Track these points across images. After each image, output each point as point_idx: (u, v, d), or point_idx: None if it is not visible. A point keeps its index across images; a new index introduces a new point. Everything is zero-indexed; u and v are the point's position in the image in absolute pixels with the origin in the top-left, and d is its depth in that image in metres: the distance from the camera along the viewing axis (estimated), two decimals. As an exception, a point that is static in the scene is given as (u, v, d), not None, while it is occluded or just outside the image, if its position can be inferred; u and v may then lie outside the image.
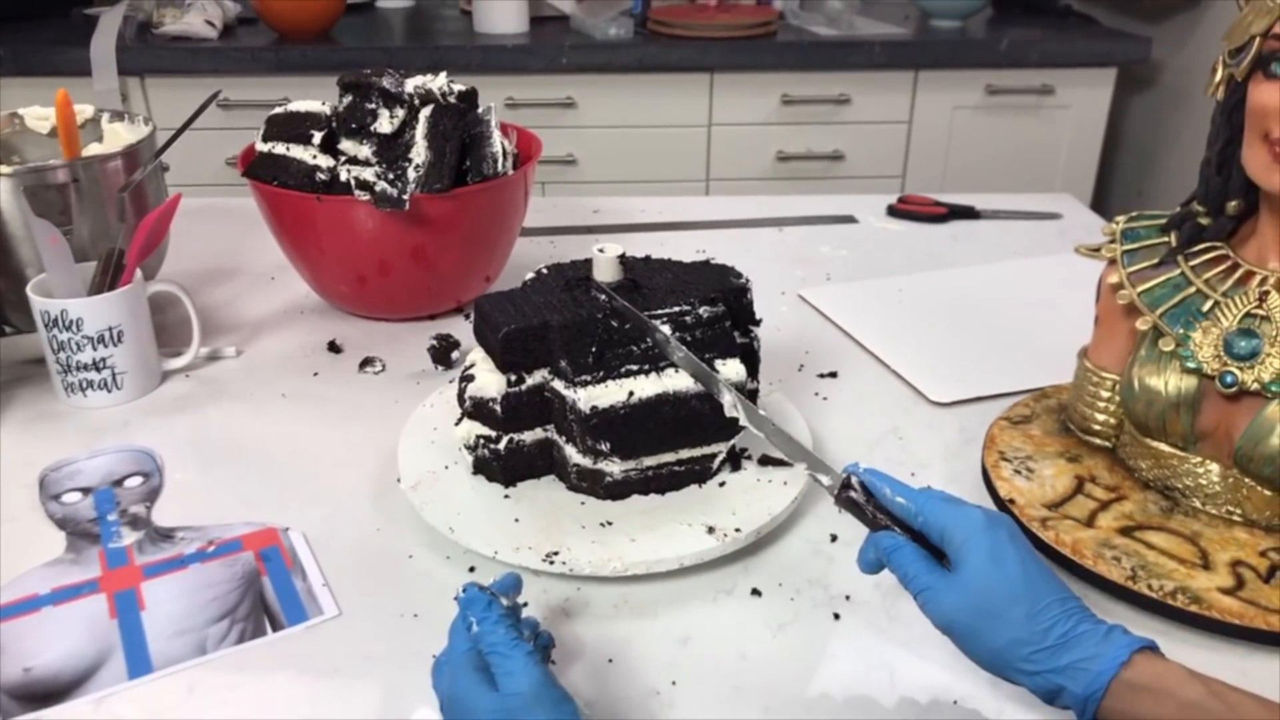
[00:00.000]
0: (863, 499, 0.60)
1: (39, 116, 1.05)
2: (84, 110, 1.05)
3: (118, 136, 1.04)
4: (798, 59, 2.20)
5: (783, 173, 2.30)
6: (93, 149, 1.02)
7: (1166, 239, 0.73)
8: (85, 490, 0.77)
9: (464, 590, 0.55)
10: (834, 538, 0.72)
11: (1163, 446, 0.72)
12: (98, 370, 0.86)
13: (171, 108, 2.12)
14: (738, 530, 0.68)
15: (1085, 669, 0.51)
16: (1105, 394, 0.76)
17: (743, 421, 0.66)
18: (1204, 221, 0.72)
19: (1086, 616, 0.53)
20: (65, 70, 2.05)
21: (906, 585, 0.56)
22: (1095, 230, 1.30)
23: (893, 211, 1.35)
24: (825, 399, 0.90)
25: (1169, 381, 0.69)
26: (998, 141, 2.32)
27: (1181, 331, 0.69)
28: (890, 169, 2.33)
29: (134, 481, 0.78)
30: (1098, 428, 0.77)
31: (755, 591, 0.67)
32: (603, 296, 0.71)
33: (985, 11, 2.52)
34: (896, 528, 0.58)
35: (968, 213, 1.33)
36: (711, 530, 0.68)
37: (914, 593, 0.56)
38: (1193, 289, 0.70)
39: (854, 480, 0.60)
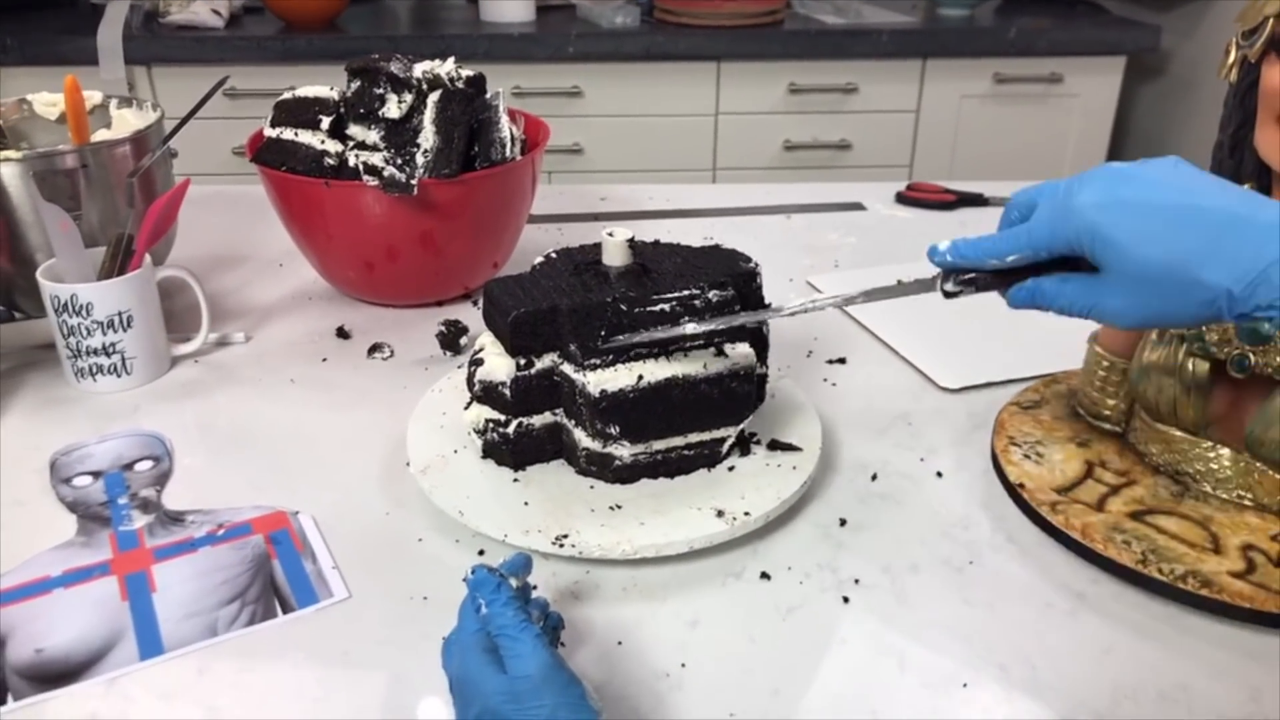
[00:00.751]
0: (967, 282, 0.55)
1: (47, 103, 1.05)
2: (92, 96, 1.05)
3: (126, 123, 1.04)
4: (805, 48, 2.20)
5: (789, 162, 2.30)
6: (101, 135, 1.02)
7: (1178, 223, 0.73)
8: (95, 474, 0.77)
9: (473, 571, 0.55)
10: (843, 522, 0.72)
11: (1174, 431, 0.71)
12: (107, 355, 0.86)
13: (178, 97, 2.10)
14: (747, 514, 0.68)
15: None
16: (1115, 379, 0.76)
17: (792, 310, 0.63)
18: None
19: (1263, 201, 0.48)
20: (72, 59, 2.05)
21: (1069, 312, 0.52)
22: (1104, 218, 1.29)
23: (901, 199, 1.34)
24: (834, 385, 0.90)
25: (1181, 366, 0.69)
26: (1006, 130, 2.31)
27: (1193, 315, 0.69)
28: (898, 158, 2.33)
29: (144, 465, 0.78)
30: (1108, 413, 0.77)
31: (764, 575, 0.67)
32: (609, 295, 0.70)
33: (993, 0, 2.50)
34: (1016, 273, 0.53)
35: (976, 200, 1.33)
36: (721, 514, 0.68)
37: (1081, 313, 0.52)
38: (1205, 273, 0.69)
39: (949, 282, 0.56)
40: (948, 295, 0.57)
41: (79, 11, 2.29)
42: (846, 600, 0.65)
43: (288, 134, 0.96)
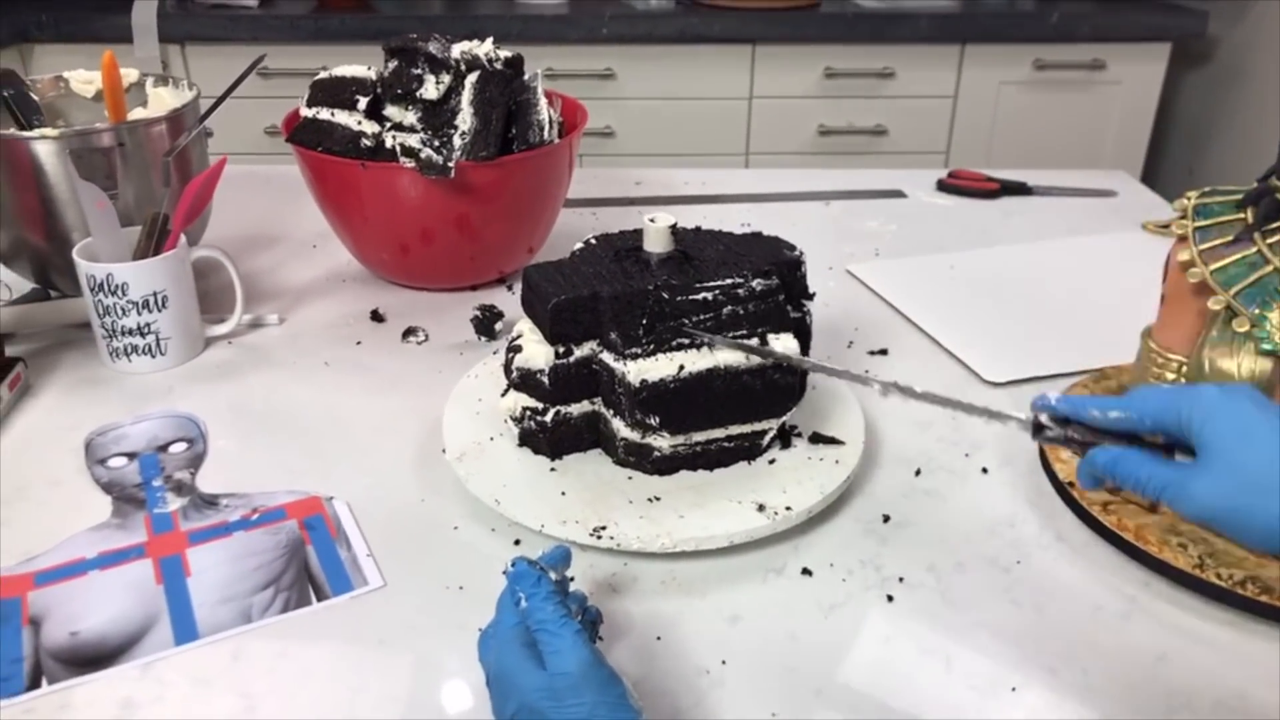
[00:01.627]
0: (1062, 432, 0.55)
1: (84, 80, 1.05)
2: (129, 74, 1.04)
3: (162, 101, 1.03)
4: (841, 31, 2.16)
5: (824, 147, 2.27)
6: (137, 113, 1.01)
7: (1242, 215, 0.70)
8: (130, 455, 0.77)
9: (513, 564, 0.54)
10: (886, 518, 0.71)
11: (1232, 431, 0.69)
12: (142, 335, 0.86)
13: (211, 75, 2.11)
14: (788, 509, 0.67)
15: None
16: (1171, 376, 0.74)
17: (881, 393, 0.63)
18: (1283, 197, 0.69)
19: None
20: (106, 37, 2.05)
21: (1145, 491, 0.51)
22: (1151, 208, 1.26)
23: (942, 186, 1.32)
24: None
25: (1242, 364, 0.66)
26: (1045, 118, 2.27)
27: (1257, 311, 0.66)
28: (934, 145, 2.29)
29: (178, 447, 0.78)
30: (1161, 411, 0.75)
31: (806, 571, 0.66)
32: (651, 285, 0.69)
33: (1035, -16, 2.45)
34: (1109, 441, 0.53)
35: (1020, 189, 1.30)
36: (762, 508, 0.67)
37: (1156, 493, 0.51)
38: (1270, 267, 0.67)
39: (1043, 418, 0.55)
40: (1038, 432, 0.56)
41: (114, -11, 2.29)
42: (890, 599, 0.64)
43: (324, 114, 0.95)
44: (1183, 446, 0.52)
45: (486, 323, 0.93)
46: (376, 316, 0.97)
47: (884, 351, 0.92)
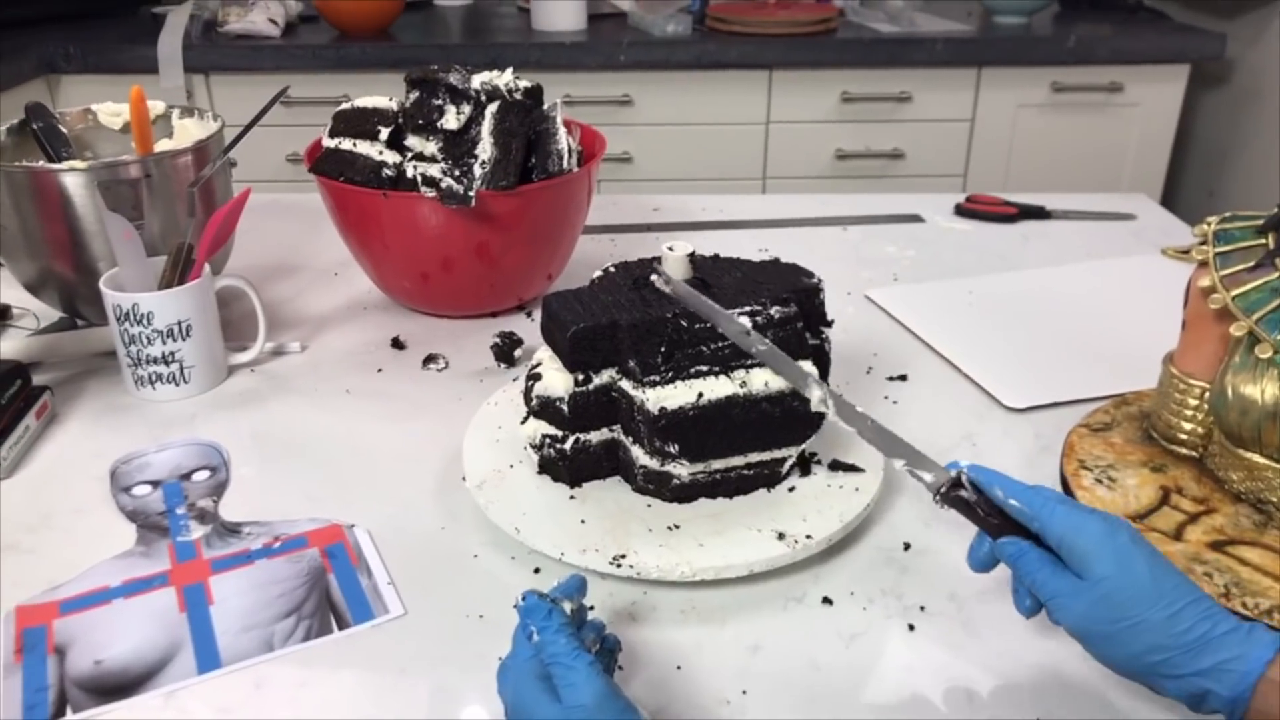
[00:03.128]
0: (973, 497, 0.57)
1: (111, 113, 1.07)
2: (155, 106, 1.06)
3: (187, 132, 1.05)
4: (858, 56, 2.17)
5: (841, 171, 2.27)
6: (163, 145, 1.03)
7: (1264, 241, 0.70)
8: (154, 483, 0.77)
9: (523, 598, 0.54)
10: (907, 546, 0.70)
11: (1256, 458, 0.68)
12: (166, 364, 0.87)
13: (235, 104, 2.15)
14: (809, 537, 0.67)
15: (1230, 670, 0.49)
16: (1193, 402, 0.73)
17: (832, 416, 0.64)
18: (1305, 223, 0.69)
19: (1224, 616, 0.51)
20: (132, 68, 2.09)
21: (1034, 591, 0.55)
22: (1171, 231, 1.26)
23: (960, 211, 1.32)
24: (895, 403, 0.88)
25: (1265, 390, 0.66)
26: (1063, 141, 2.26)
27: (1279, 338, 0.66)
28: (952, 168, 2.29)
29: (201, 475, 0.78)
30: (1184, 437, 0.74)
31: (826, 600, 0.66)
32: (668, 288, 0.70)
33: (1051, 7, 2.46)
34: (1008, 526, 0.56)
35: (1038, 213, 1.30)
36: (782, 536, 0.67)
37: (1043, 600, 0.54)
38: (1292, 294, 0.67)
39: (963, 478, 0.58)
40: (939, 496, 0.58)
41: (139, 21, 2.33)
42: (912, 628, 0.64)
43: (346, 144, 0.96)
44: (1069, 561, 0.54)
45: (506, 350, 0.93)
46: (397, 344, 0.98)
47: (903, 377, 0.92)
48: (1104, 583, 0.52)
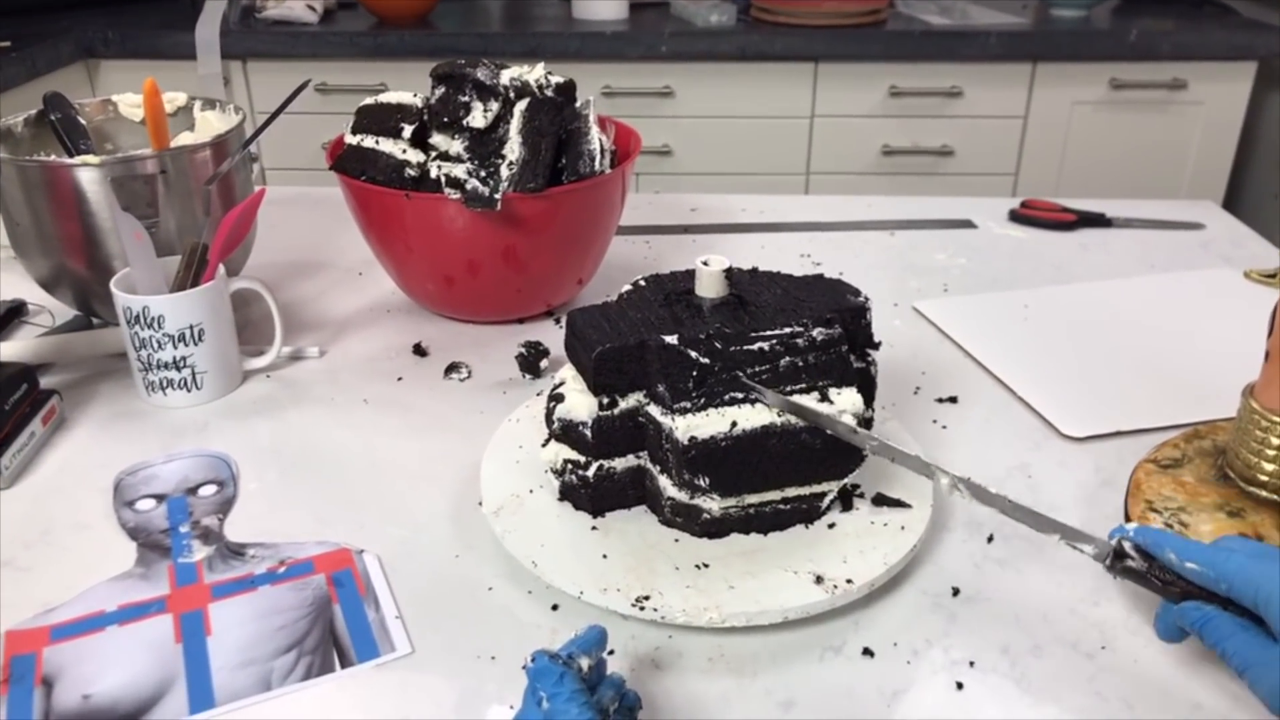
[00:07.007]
0: (1143, 565, 0.53)
1: (132, 104, 1.03)
2: (176, 98, 1.02)
3: (209, 125, 1.01)
4: (907, 49, 2.10)
5: (887, 167, 2.20)
6: (184, 138, 1.00)
7: (1362, 268, 0.63)
8: (159, 497, 0.74)
9: (532, 659, 0.49)
10: (956, 591, 0.65)
11: (1348, 508, 0.62)
12: (178, 369, 0.83)
13: (272, 91, 2.13)
14: (849, 581, 0.61)
15: None
16: (1276, 441, 0.67)
17: (966, 498, 0.59)
18: None
19: None
20: (171, 53, 2.07)
21: (1226, 662, 0.50)
22: (1243, 242, 1.18)
23: (1014, 217, 1.25)
24: (944, 428, 0.82)
25: (1362, 435, 0.60)
26: (1121, 140, 2.17)
27: (1380, 378, 0.59)
28: (1003, 167, 2.21)
29: (208, 490, 0.75)
30: (1265, 479, 0.68)
31: (867, 651, 0.60)
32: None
33: (1111, 0, 2.36)
34: (1193, 589, 0.51)
35: (1098, 220, 1.23)
36: (820, 580, 0.62)
37: (1237, 671, 0.49)
38: (1394, 328, 0.60)
39: (1126, 545, 0.54)
40: (1118, 560, 0.55)
41: (178, 7, 2.32)
42: (960, 686, 0.58)
43: (368, 141, 0.92)
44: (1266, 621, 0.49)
45: (531, 360, 0.89)
46: (419, 350, 0.94)
47: (953, 399, 0.86)
48: None
